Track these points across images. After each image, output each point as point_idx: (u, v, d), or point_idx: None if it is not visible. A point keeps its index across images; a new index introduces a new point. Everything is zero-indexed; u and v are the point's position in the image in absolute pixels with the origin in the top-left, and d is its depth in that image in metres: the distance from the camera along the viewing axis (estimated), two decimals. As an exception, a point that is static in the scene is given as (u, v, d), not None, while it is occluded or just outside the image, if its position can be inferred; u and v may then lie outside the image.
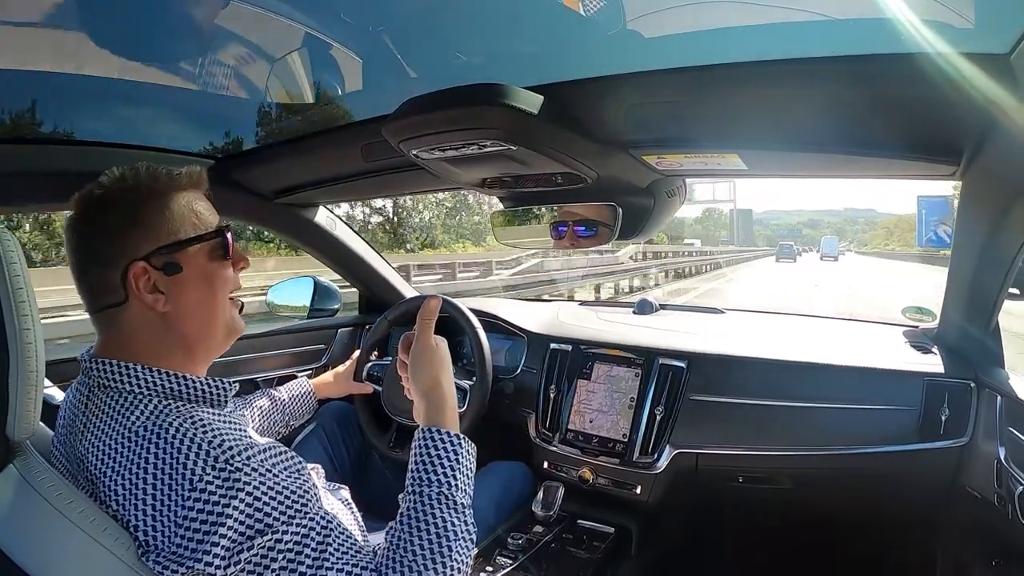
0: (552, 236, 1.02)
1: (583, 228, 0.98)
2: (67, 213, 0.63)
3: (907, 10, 0.55)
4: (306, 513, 0.54)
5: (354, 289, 1.71)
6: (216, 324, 0.65)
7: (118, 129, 1.07)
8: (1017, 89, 0.55)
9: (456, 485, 0.62)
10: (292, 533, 0.53)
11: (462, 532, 0.60)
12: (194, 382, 0.61)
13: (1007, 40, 0.53)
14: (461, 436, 0.65)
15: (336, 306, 1.56)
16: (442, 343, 0.71)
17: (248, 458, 0.54)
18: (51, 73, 0.91)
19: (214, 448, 0.53)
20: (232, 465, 0.52)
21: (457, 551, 0.58)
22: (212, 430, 0.55)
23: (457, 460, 0.63)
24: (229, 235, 0.66)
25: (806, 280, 17.28)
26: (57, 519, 0.50)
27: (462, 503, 0.62)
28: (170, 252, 0.60)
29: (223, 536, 0.50)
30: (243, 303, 0.70)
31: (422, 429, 0.66)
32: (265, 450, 0.57)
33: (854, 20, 0.57)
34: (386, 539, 0.60)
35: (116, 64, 0.91)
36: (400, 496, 0.63)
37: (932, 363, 1.07)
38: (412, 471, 0.63)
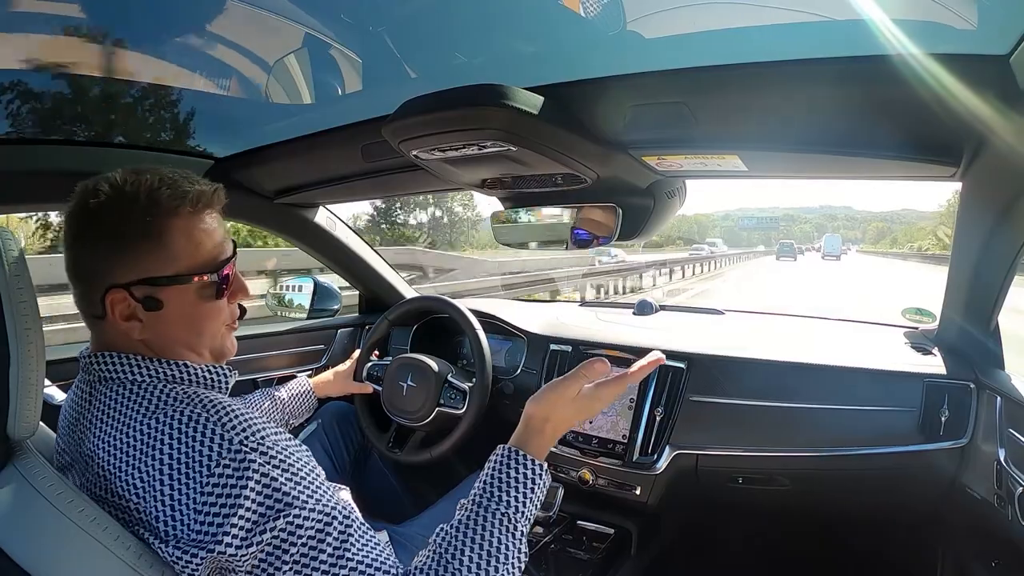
0: (571, 236, 1.02)
1: (583, 231, 0.98)
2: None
3: (908, 11, 0.55)
4: (326, 499, 0.53)
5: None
6: (198, 353, 0.62)
7: (118, 129, 1.07)
8: (1016, 90, 0.55)
9: (523, 512, 0.60)
10: (313, 518, 0.52)
11: (513, 558, 0.58)
12: (194, 368, 0.61)
13: (1007, 42, 0.53)
14: (544, 468, 0.63)
15: (336, 306, 1.56)
16: (580, 402, 0.65)
17: (262, 438, 0.53)
18: (50, 73, 0.91)
19: (227, 431, 0.52)
20: (246, 446, 0.52)
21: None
22: (222, 410, 0.54)
23: (532, 490, 0.61)
24: (229, 270, 0.62)
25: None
26: (57, 518, 0.50)
27: (522, 531, 0.60)
28: (155, 286, 0.57)
29: (241, 517, 0.49)
30: (245, 308, 0.68)
31: (508, 447, 0.63)
32: (276, 432, 0.56)
33: (854, 21, 0.57)
34: (434, 538, 0.59)
35: (115, 63, 0.91)
36: (460, 502, 0.62)
37: (932, 364, 1.07)
38: (483, 482, 0.61)
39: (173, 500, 0.50)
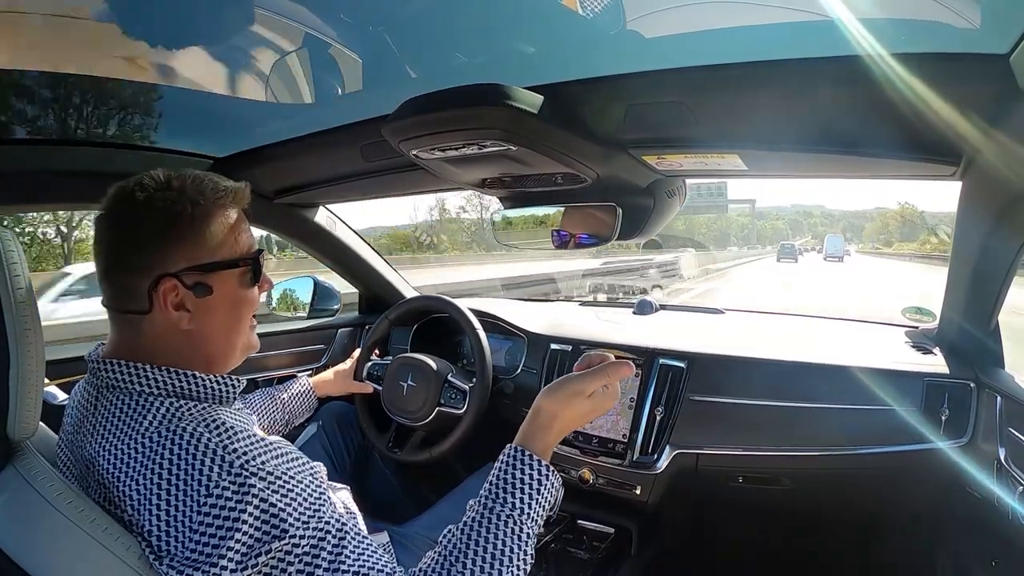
0: (552, 237, 1.02)
1: (584, 234, 0.98)
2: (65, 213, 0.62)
3: (908, 11, 0.55)
4: (321, 516, 0.54)
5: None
6: (235, 346, 0.65)
7: (117, 129, 1.07)
8: (1016, 89, 0.55)
9: (529, 515, 0.60)
10: (308, 537, 0.52)
11: (518, 561, 0.57)
12: (203, 380, 0.61)
13: (1007, 41, 0.53)
14: (551, 468, 0.62)
15: (336, 306, 1.56)
16: (594, 400, 0.67)
17: (263, 463, 0.53)
18: (49, 73, 0.91)
19: (228, 453, 0.52)
20: (247, 470, 0.52)
21: None
22: (225, 433, 0.54)
23: (539, 491, 0.61)
24: (262, 259, 0.65)
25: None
26: (57, 519, 0.50)
27: (528, 532, 0.59)
28: (204, 272, 0.59)
29: (238, 541, 0.50)
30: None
31: (514, 447, 0.63)
32: (279, 455, 0.56)
33: (854, 20, 0.57)
34: (441, 540, 0.59)
35: (115, 63, 0.91)
36: (469, 503, 0.62)
37: (932, 363, 1.07)
38: (490, 483, 0.61)
39: (169, 516, 0.50)
